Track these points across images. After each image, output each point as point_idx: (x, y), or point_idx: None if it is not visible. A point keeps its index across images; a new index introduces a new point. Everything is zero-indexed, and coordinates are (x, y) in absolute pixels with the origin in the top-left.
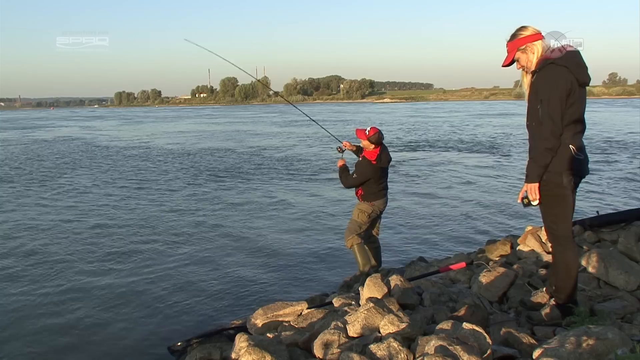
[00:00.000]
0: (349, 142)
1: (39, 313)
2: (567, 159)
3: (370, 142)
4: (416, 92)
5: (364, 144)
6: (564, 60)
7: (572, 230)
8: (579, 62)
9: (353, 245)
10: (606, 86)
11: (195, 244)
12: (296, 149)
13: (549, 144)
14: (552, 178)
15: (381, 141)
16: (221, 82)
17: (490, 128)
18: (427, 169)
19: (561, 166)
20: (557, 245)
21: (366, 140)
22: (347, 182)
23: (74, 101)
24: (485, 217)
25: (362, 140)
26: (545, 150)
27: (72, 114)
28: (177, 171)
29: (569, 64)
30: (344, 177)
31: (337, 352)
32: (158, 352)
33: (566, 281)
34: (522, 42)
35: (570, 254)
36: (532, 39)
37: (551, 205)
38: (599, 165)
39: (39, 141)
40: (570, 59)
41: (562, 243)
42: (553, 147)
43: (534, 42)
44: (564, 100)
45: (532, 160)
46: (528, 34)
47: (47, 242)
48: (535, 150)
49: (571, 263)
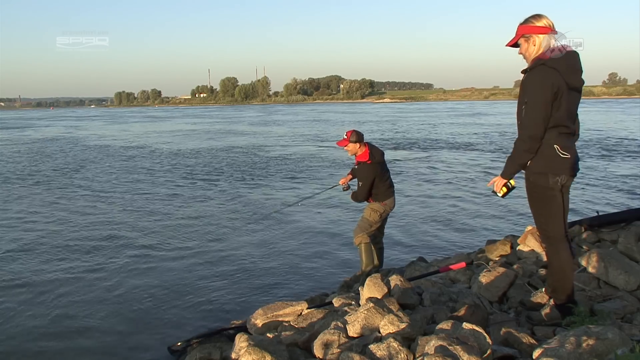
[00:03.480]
0: (343, 178)
1: (37, 313)
2: (551, 160)
3: (353, 141)
4: (416, 92)
5: (350, 148)
6: (555, 62)
7: (564, 230)
8: (573, 65)
9: (361, 244)
10: (606, 86)
11: (195, 244)
12: (296, 148)
13: (526, 146)
14: (538, 180)
15: (362, 138)
16: (221, 82)
17: (488, 127)
18: (427, 169)
19: (546, 167)
20: (549, 246)
21: (349, 144)
22: (359, 194)
23: (74, 101)
24: (485, 217)
25: (347, 148)
26: (523, 152)
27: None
28: (176, 170)
29: (560, 66)
30: (355, 195)
31: (337, 352)
32: (158, 352)
33: (562, 281)
34: (529, 30)
35: (563, 254)
36: (538, 31)
37: (540, 206)
38: (598, 165)
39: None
40: (562, 61)
41: (554, 244)
42: (530, 149)
43: (539, 35)
44: (550, 103)
45: (510, 158)
46: (538, 25)
47: (46, 241)
48: (515, 148)
49: (565, 263)
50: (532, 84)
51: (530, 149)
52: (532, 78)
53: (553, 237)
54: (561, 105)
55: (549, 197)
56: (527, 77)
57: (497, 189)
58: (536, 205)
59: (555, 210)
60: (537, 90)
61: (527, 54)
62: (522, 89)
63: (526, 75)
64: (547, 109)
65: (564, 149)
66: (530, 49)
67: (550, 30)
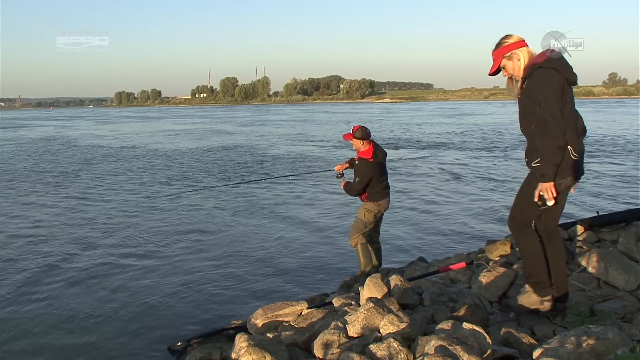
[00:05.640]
0: (340, 164)
1: (37, 313)
2: (563, 161)
3: (357, 138)
4: (416, 92)
5: (355, 144)
6: (550, 63)
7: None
8: (565, 63)
9: (357, 245)
10: (606, 86)
11: (195, 244)
12: (292, 148)
13: (559, 141)
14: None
15: (368, 136)
16: (221, 82)
17: (488, 127)
18: (427, 169)
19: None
20: (519, 233)
21: (354, 139)
22: (352, 189)
23: (74, 101)
24: (485, 217)
25: (352, 143)
26: (556, 148)
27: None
28: (174, 171)
29: (557, 65)
30: (348, 187)
31: (337, 352)
32: (158, 352)
33: (536, 266)
34: (507, 50)
35: (532, 240)
36: (516, 46)
37: (531, 198)
38: (598, 165)
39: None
40: (556, 61)
41: (523, 230)
42: (563, 144)
43: (519, 49)
44: (560, 99)
45: (544, 160)
46: (512, 42)
47: (44, 240)
48: (545, 149)
49: (536, 247)
50: (539, 85)
51: (564, 143)
52: (537, 80)
53: (523, 225)
54: (567, 102)
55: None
56: (530, 82)
57: (550, 196)
58: (528, 197)
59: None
60: (546, 89)
61: (517, 70)
62: (528, 95)
63: (528, 81)
64: (560, 105)
65: (576, 151)
66: (518, 65)
67: (525, 43)
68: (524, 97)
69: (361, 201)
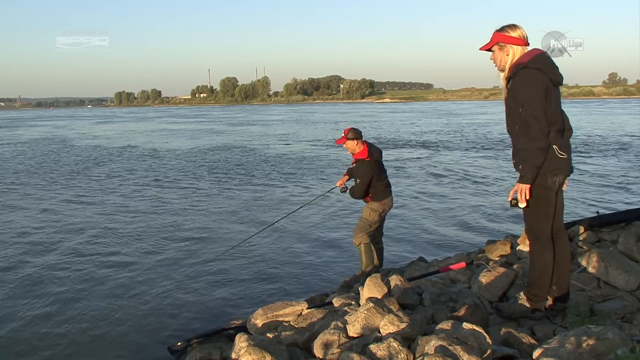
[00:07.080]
0: (340, 179)
1: (37, 313)
2: (550, 160)
3: (350, 139)
4: (416, 92)
5: (349, 145)
6: (535, 63)
7: (552, 230)
8: (551, 63)
9: (361, 244)
10: (606, 86)
11: (195, 243)
12: (292, 148)
13: (541, 143)
14: (537, 179)
15: (360, 136)
16: (221, 82)
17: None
18: (427, 169)
19: (545, 167)
20: (537, 245)
21: (347, 141)
22: (356, 191)
23: (74, 101)
24: (485, 217)
25: (346, 146)
26: (537, 150)
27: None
28: (174, 170)
29: (541, 65)
30: (352, 191)
31: (337, 352)
32: (158, 352)
33: (542, 278)
34: (505, 40)
35: (548, 254)
36: (514, 42)
37: (535, 205)
38: (598, 165)
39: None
40: (540, 61)
41: (542, 243)
42: (544, 146)
43: (514, 46)
44: (543, 100)
45: (524, 162)
46: (514, 36)
47: (41, 242)
48: (527, 151)
49: (549, 262)
50: (522, 86)
51: (545, 145)
52: (520, 80)
53: (543, 236)
54: (551, 102)
55: (545, 197)
56: (514, 82)
57: (523, 198)
58: (532, 205)
59: (549, 211)
60: (529, 90)
61: (502, 63)
62: (512, 96)
63: (512, 81)
64: (544, 105)
65: (562, 149)
66: (505, 59)
67: (524, 43)
68: (509, 98)
69: (365, 202)
